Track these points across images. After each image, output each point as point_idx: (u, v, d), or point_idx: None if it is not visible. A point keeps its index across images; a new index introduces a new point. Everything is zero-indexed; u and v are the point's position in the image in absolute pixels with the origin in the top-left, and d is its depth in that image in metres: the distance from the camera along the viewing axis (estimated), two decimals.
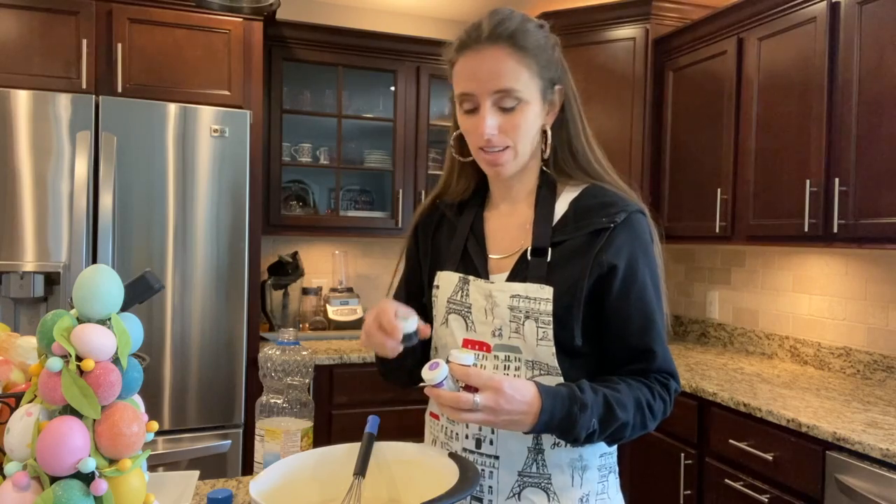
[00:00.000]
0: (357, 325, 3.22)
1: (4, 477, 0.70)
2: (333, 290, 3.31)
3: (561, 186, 1.08)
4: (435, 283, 1.12)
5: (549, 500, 1.01)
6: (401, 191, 3.22)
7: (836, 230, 2.15)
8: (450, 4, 3.46)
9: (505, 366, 1.02)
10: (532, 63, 1.00)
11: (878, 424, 1.84)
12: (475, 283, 1.05)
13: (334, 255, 3.44)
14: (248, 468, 2.59)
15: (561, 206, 1.06)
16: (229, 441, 2.53)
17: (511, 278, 1.04)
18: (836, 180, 2.16)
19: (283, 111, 3.08)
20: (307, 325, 3.23)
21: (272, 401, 1.20)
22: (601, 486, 1.05)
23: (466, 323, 1.06)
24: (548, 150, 1.07)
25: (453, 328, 1.07)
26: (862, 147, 2.11)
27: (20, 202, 2.30)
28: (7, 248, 2.29)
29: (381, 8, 3.52)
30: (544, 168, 1.09)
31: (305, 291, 3.27)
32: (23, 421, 0.70)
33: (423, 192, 3.26)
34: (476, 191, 1.16)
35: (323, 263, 3.45)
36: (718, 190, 2.66)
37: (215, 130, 2.50)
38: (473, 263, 1.08)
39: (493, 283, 1.04)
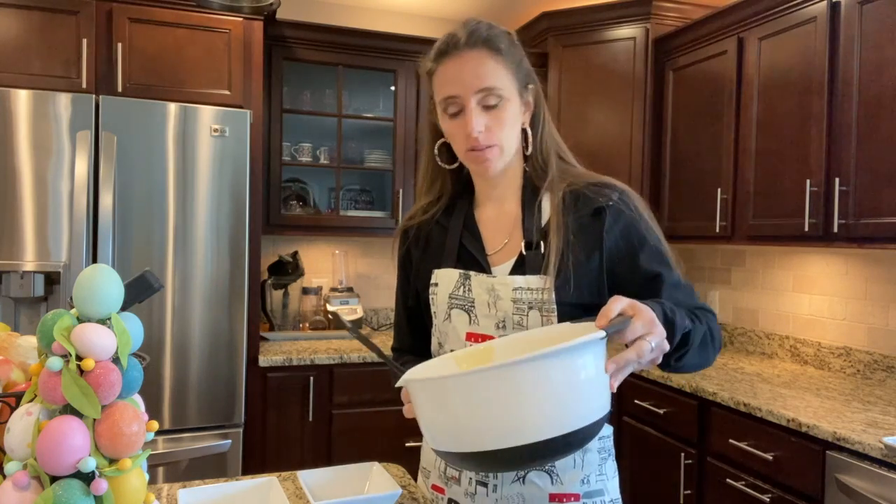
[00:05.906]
0: (357, 325, 3.22)
1: (4, 476, 0.70)
2: (333, 289, 3.31)
3: (541, 182, 1.13)
4: (433, 281, 1.16)
5: (552, 482, 1.06)
6: (401, 190, 3.22)
7: (836, 230, 2.15)
8: (450, 4, 3.46)
9: None
10: (508, 63, 1.07)
11: (878, 424, 1.84)
12: (477, 278, 1.10)
13: (334, 254, 3.44)
14: (248, 468, 2.59)
15: (546, 200, 1.12)
16: (229, 441, 2.52)
17: (512, 272, 1.09)
18: (837, 180, 2.16)
19: (283, 111, 3.07)
20: (307, 325, 3.23)
21: None
22: (600, 467, 1.11)
23: (470, 317, 1.10)
24: (530, 147, 1.13)
25: (456, 323, 1.11)
26: (862, 147, 2.11)
27: (20, 202, 2.29)
28: (7, 248, 2.29)
29: (381, 8, 3.52)
30: (526, 168, 1.16)
31: (305, 291, 3.27)
32: (23, 420, 0.70)
33: None
34: (457, 195, 1.22)
35: (323, 263, 3.45)
36: (718, 190, 2.66)
37: (215, 130, 2.50)
38: (473, 259, 1.13)
39: (495, 276, 1.09)
